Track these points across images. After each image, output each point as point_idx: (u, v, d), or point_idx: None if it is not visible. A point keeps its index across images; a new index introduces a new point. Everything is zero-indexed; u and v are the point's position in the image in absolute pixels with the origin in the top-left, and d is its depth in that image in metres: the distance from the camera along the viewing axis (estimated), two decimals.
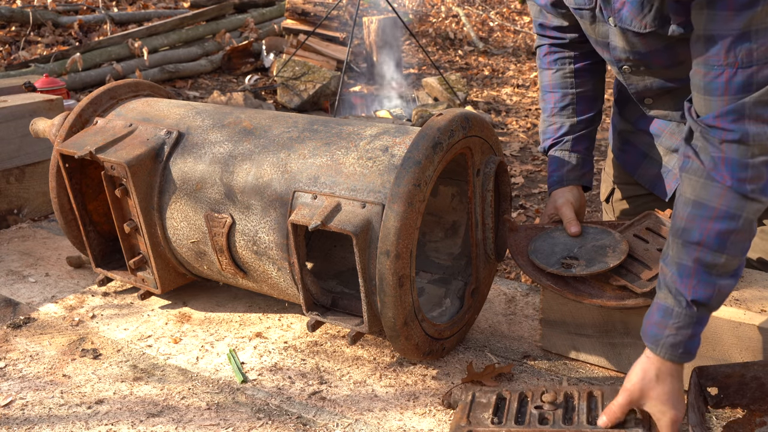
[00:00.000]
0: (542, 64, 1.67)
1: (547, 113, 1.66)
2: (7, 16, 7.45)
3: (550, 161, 1.65)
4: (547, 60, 1.66)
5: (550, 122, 1.66)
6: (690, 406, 1.17)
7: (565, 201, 1.57)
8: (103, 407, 1.44)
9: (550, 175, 1.65)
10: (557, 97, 1.64)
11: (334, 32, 8.15)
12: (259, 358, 1.61)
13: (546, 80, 1.66)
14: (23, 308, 1.87)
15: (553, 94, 1.65)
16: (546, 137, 1.67)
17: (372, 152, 1.46)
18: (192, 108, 1.80)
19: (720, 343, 1.35)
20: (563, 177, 1.62)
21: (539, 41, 1.69)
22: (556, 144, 1.65)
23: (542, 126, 1.69)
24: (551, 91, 1.65)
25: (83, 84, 6.59)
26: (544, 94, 1.67)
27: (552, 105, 1.65)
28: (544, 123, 1.68)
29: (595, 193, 4.78)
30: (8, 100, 2.46)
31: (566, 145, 1.63)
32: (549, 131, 1.66)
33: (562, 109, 1.64)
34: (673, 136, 1.59)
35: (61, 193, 1.86)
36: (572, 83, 1.64)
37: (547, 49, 1.66)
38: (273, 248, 1.53)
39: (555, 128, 1.65)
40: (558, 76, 1.64)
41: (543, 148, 1.68)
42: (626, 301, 1.38)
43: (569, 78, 1.64)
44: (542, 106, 1.69)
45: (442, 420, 1.37)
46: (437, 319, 1.55)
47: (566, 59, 1.64)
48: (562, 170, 1.63)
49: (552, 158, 1.65)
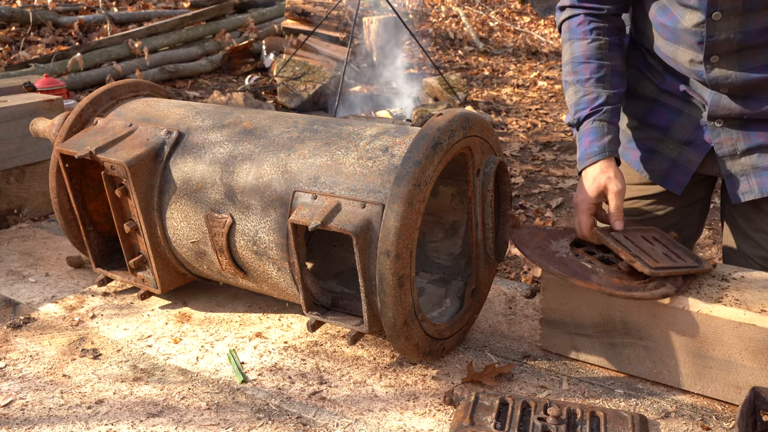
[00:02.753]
0: (575, 35, 1.61)
1: (581, 84, 1.60)
2: (7, 16, 7.45)
3: (587, 132, 1.57)
4: (582, 30, 1.60)
5: (585, 92, 1.58)
6: (737, 424, 1.16)
7: (617, 188, 1.50)
8: (103, 407, 1.44)
9: (588, 145, 1.55)
10: (593, 67, 1.59)
11: (334, 32, 8.15)
12: (259, 358, 1.61)
13: (579, 50, 1.60)
14: (23, 308, 1.87)
15: (588, 65, 1.59)
16: (580, 107, 1.59)
17: (372, 152, 1.47)
18: (192, 108, 1.80)
19: (720, 343, 1.35)
20: (605, 147, 1.54)
21: (570, 12, 1.63)
22: (593, 114, 1.57)
23: (574, 97, 1.61)
24: (585, 61, 1.59)
25: (83, 84, 6.60)
26: (575, 65, 1.61)
27: (588, 75, 1.59)
28: (578, 93, 1.60)
29: None
30: (8, 100, 2.46)
31: (604, 116, 1.56)
32: (584, 101, 1.59)
33: (599, 80, 1.58)
34: (731, 140, 1.58)
35: (61, 193, 1.86)
36: (607, 55, 1.59)
37: (581, 19, 1.61)
38: (273, 248, 1.53)
39: (591, 98, 1.58)
40: (594, 47, 1.59)
41: (577, 118, 1.60)
42: (634, 293, 1.37)
43: (605, 50, 1.59)
44: (572, 78, 1.62)
45: (442, 420, 1.37)
46: (437, 319, 1.55)
47: (602, 30, 1.60)
48: (602, 140, 1.54)
49: (589, 129, 1.57)
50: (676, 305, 1.38)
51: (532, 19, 11.69)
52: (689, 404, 1.39)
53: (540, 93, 7.91)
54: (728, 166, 1.60)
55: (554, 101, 7.56)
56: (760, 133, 1.55)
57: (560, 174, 5.25)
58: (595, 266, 1.44)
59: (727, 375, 1.36)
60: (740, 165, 1.59)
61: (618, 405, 1.40)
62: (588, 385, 1.47)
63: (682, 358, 1.40)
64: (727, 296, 1.38)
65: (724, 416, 1.36)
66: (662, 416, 1.36)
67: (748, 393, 1.19)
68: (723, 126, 1.58)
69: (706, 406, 1.39)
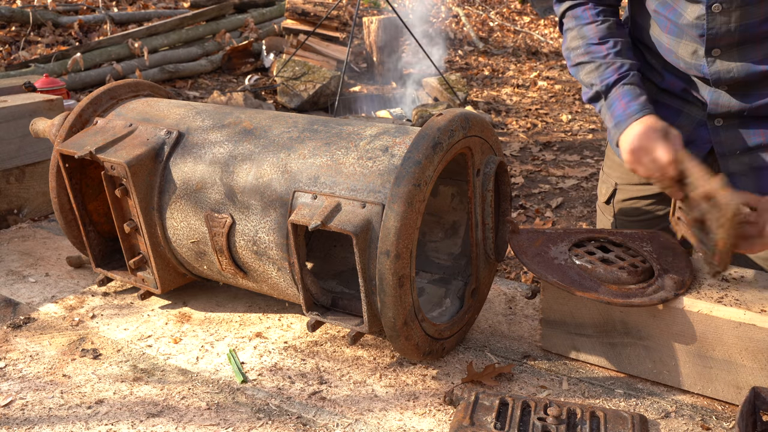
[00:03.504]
0: (582, 20, 1.62)
1: (600, 58, 1.59)
2: (7, 16, 7.45)
3: (620, 95, 1.54)
4: (589, 14, 1.61)
5: (608, 64, 1.57)
6: (737, 424, 1.16)
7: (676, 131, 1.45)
8: (103, 407, 1.44)
9: (626, 105, 1.52)
10: (609, 44, 1.59)
11: (334, 32, 8.16)
12: (259, 358, 1.61)
13: (590, 33, 1.60)
14: (23, 308, 1.87)
15: (602, 45, 1.59)
16: (606, 77, 1.57)
17: (372, 152, 1.47)
18: (192, 108, 1.80)
19: (720, 343, 1.35)
20: (644, 105, 1.51)
21: (572, 2, 1.64)
22: (622, 78, 1.55)
23: (596, 71, 1.59)
24: (599, 42, 1.59)
25: (83, 84, 6.60)
26: (589, 47, 1.60)
27: (605, 52, 1.58)
28: (600, 68, 1.58)
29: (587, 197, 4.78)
30: (8, 100, 2.46)
31: (633, 79, 1.55)
32: (608, 72, 1.57)
33: (617, 54, 1.58)
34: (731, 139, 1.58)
35: (61, 193, 1.86)
36: (618, 32, 1.60)
37: (586, 6, 1.62)
38: (273, 248, 1.53)
39: (615, 67, 1.56)
40: (604, 28, 1.60)
41: (605, 85, 1.57)
42: (633, 300, 1.38)
43: (614, 29, 1.60)
44: (587, 58, 1.61)
45: (442, 420, 1.37)
46: (437, 319, 1.55)
47: (607, 13, 1.62)
48: (639, 99, 1.52)
49: (621, 92, 1.54)
50: (676, 305, 1.38)
51: (532, 19, 11.69)
52: (689, 404, 1.39)
53: (540, 93, 7.91)
54: (728, 165, 1.60)
55: (554, 101, 7.56)
56: (759, 131, 1.56)
57: (560, 174, 5.25)
58: (595, 266, 1.45)
59: (727, 375, 1.36)
60: (740, 164, 1.59)
61: (618, 405, 1.40)
62: (588, 385, 1.47)
63: (682, 358, 1.40)
64: (727, 296, 1.38)
65: (724, 416, 1.36)
66: (662, 416, 1.36)
67: (748, 393, 1.19)
68: (723, 125, 1.58)
69: (706, 406, 1.39)
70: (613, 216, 1.84)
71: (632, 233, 1.58)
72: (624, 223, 1.82)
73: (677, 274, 1.44)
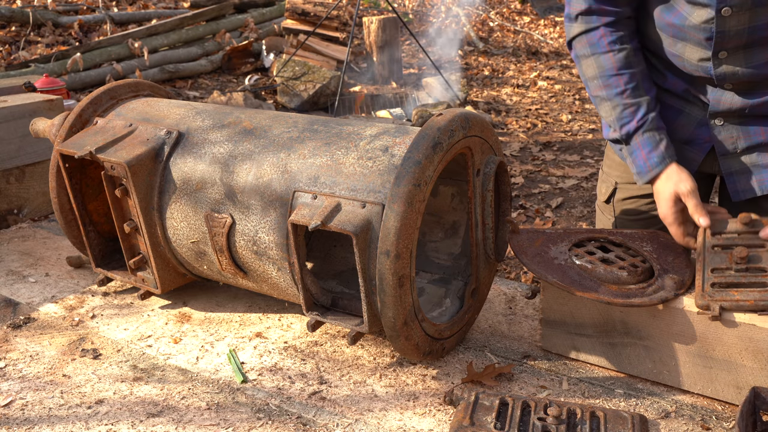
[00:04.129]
0: (598, 49, 1.59)
1: (618, 97, 1.58)
2: (7, 16, 7.45)
3: (641, 144, 1.57)
4: (605, 42, 1.58)
5: (625, 105, 1.58)
6: (737, 424, 1.16)
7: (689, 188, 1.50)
8: (103, 407, 1.44)
9: (647, 157, 1.56)
10: (626, 78, 1.58)
11: (334, 32, 8.16)
12: (259, 358, 1.61)
13: (608, 64, 1.58)
14: (23, 308, 1.87)
15: (620, 77, 1.58)
16: (624, 122, 1.58)
17: (372, 152, 1.47)
18: (192, 108, 1.80)
19: (720, 343, 1.35)
20: (663, 155, 1.54)
21: (585, 24, 1.60)
22: (641, 126, 1.57)
23: (613, 112, 1.60)
24: (617, 74, 1.58)
25: (83, 84, 6.60)
26: (606, 79, 1.59)
27: (622, 87, 1.58)
28: (617, 108, 1.59)
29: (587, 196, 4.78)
30: (8, 100, 2.46)
31: (652, 125, 1.57)
32: (626, 115, 1.58)
33: (634, 90, 1.57)
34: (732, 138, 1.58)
35: (61, 193, 1.86)
36: (634, 62, 1.58)
37: (602, 32, 1.58)
38: (273, 248, 1.53)
39: (632, 111, 1.57)
40: (621, 57, 1.57)
41: (626, 133, 1.59)
42: (633, 300, 1.38)
43: (631, 57, 1.58)
44: (605, 93, 1.60)
45: (442, 420, 1.37)
46: (437, 319, 1.55)
47: (624, 38, 1.58)
48: (659, 148, 1.55)
49: (642, 141, 1.56)
50: (676, 305, 1.38)
51: (532, 19, 11.69)
52: (689, 404, 1.39)
53: (540, 93, 7.91)
54: (729, 164, 1.61)
55: (554, 101, 7.56)
56: (760, 129, 1.56)
57: (560, 174, 5.25)
58: (595, 266, 1.45)
59: (727, 375, 1.36)
60: (741, 163, 1.59)
61: (618, 405, 1.40)
62: (588, 385, 1.47)
63: (682, 358, 1.40)
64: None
65: (724, 416, 1.36)
66: (662, 416, 1.36)
67: (748, 393, 1.19)
68: (724, 124, 1.58)
69: (706, 406, 1.39)
70: (613, 215, 1.84)
71: (632, 233, 1.58)
72: (624, 222, 1.82)
73: (677, 274, 1.44)
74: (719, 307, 1.32)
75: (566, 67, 9.17)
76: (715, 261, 1.41)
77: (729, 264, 1.39)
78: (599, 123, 6.72)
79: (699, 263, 1.42)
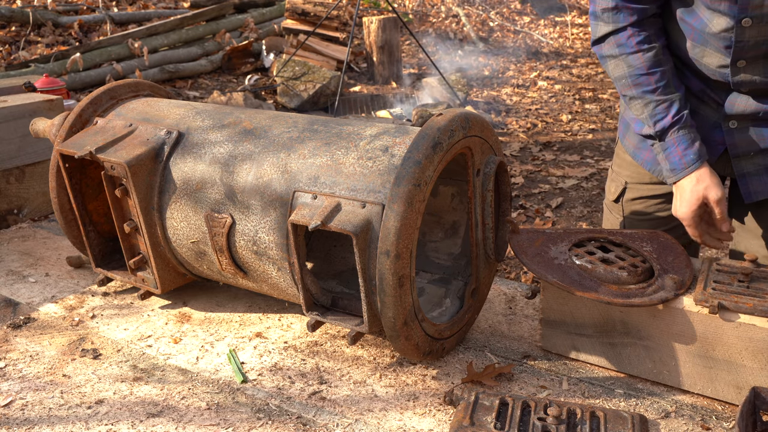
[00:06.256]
0: (627, 49, 1.58)
1: (649, 94, 1.58)
2: (7, 16, 7.45)
3: (676, 141, 1.57)
4: (633, 42, 1.57)
5: (657, 102, 1.58)
6: (737, 424, 1.16)
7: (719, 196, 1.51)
8: (103, 407, 1.44)
9: (683, 154, 1.56)
10: (657, 76, 1.57)
11: (334, 32, 8.15)
12: (259, 358, 1.61)
13: (638, 63, 1.58)
14: (23, 308, 1.87)
15: (650, 76, 1.58)
16: (658, 119, 1.58)
17: (372, 152, 1.47)
18: (192, 108, 1.80)
19: (720, 343, 1.35)
20: (699, 153, 1.55)
21: (614, 25, 1.59)
22: (676, 122, 1.57)
23: (645, 109, 1.59)
24: (647, 73, 1.58)
25: (83, 84, 6.60)
26: (636, 78, 1.59)
27: (654, 85, 1.58)
28: (650, 105, 1.59)
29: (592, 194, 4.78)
30: (8, 100, 2.46)
31: (687, 122, 1.57)
32: (659, 111, 1.58)
33: (665, 87, 1.57)
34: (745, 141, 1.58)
35: (61, 193, 1.86)
36: (663, 60, 1.58)
37: (629, 32, 1.57)
38: (273, 248, 1.53)
39: (665, 107, 1.57)
40: (650, 56, 1.57)
41: (661, 128, 1.58)
42: (633, 299, 1.38)
43: (660, 55, 1.58)
44: (635, 91, 1.60)
45: (442, 420, 1.37)
46: (437, 319, 1.55)
47: (651, 37, 1.58)
48: (694, 146, 1.55)
49: (677, 138, 1.56)
50: (676, 305, 1.38)
51: (532, 19, 11.69)
52: (689, 404, 1.39)
53: (540, 93, 7.91)
54: (742, 165, 1.61)
55: (554, 101, 7.56)
56: None
57: (560, 174, 5.25)
58: (595, 266, 1.45)
59: (727, 375, 1.36)
60: (754, 165, 1.59)
61: (618, 405, 1.40)
62: (588, 385, 1.47)
63: (682, 358, 1.40)
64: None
65: (724, 416, 1.36)
66: (662, 416, 1.36)
67: (748, 393, 1.19)
68: (737, 127, 1.58)
69: (706, 406, 1.39)
70: (622, 215, 1.83)
71: (632, 233, 1.58)
72: (633, 221, 1.81)
73: (677, 274, 1.44)
74: (718, 303, 1.33)
75: (566, 67, 9.17)
76: (718, 277, 1.44)
77: (731, 281, 1.42)
78: (599, 123, 6.72)
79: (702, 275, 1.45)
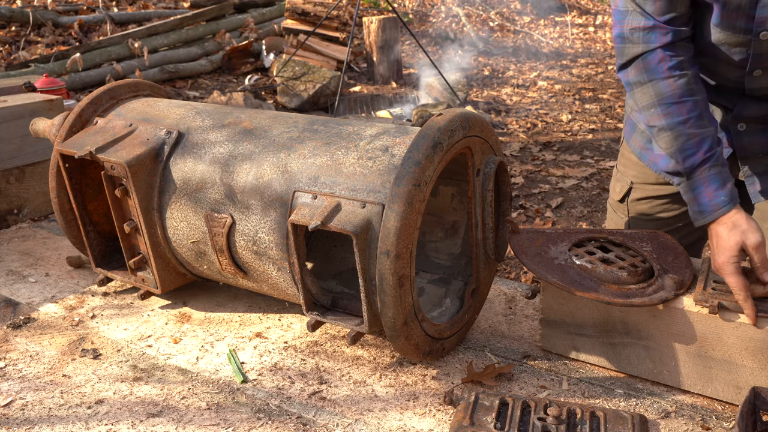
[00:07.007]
0: (657, 74, 1.48)
1: (680, 126, 1.47)
2: (7, 16, 7.45)
3: (707, 180, 1.45)
4: (664, 68, 1.47)
5: (688, 135, 1.46)
6: (737, 424, 1.16)
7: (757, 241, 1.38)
8: (103, 407, 1.44)
9: (714, 195, 1.44)
10: (689, 106, 1.47)
11: (334, 32, 8.16)
12: (259, 358, 1.61)
13: (668, 90, 1.48)
14: (23, 308, 1.87)
15: (682, 105, 1.47)
16: (689, 153, 1.46)
17: (372, 152, 1.47)
18: (192, 108, 1.80)
19: (720, 343, 1.35)
20: (732, 195, 1.43)
21: (644, 46, 1.49)
22: (707, 159, 1.45)
23: (675, 142, 1.48)
24: (679, 101, 1.47)
25: (83, 84, 6.60)
26: (666, 107, 1.48)
27: (685, 116, 1.47)
28: (680, 138, 1.47)
29: (593, 193, 4.78)
30: (8, 100, 2.46)
31: (720, 159, 1.46)
32: (690, 146, 1.46)
33: (698, 119, 1.47)
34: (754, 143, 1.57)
35: (61, 193, 1.86)
36: (696, 89, 1.48)
37: (660, 55, 1.48)
38: (273, 248, 1.53)
39: (697, 142, 1.46)
40: (682, 84, 1.47)
41: (690, 165, 1.47)
42: (633, 299, 1.38)
43: (692, 84, 1.48)
44: (665, 122, 1.49)
45: (442, 420, 1.37)
46: (437, 319, 1.55)
47: (684, 63, 1.49)
48: (726, 187, 1.44)
49: (708, 177, 1.45)
50: (676, 305, 1.38)
51: (532, 19, 11.69)
52: (689, 404, 1.39)
53: (540, 93, 7.91)
54: (750, 166, 1.60)
55: (554, 101, 7.56)
56: None
57: (560, 174, 5.25)
58: (595, 266, 1.45)
59: (727, 375, 1.36)
60: (762, 165, 1.59)
61: (618, 405, 1.40)
62: (588, 385, 1.47)
63: (682, 358, 1.40)
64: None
65: (724, 416, 1.36)
66: (662, 416, 1.36)
67: (748, 393, 1.19)
68: (746, 130, 1.57)
69: (706, 406, 1.39)
70: (627, 215, 1.83)
71: (632, 233, 1.58)
72: (638, 222, 1.81)
73: (677, 274, 1.44)
74: (718, 303, 1.33)
75: (566, 67, 9.17)
76: (718, 277, 1.43)
77: None
78: (599, 123, 6.72)
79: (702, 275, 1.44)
